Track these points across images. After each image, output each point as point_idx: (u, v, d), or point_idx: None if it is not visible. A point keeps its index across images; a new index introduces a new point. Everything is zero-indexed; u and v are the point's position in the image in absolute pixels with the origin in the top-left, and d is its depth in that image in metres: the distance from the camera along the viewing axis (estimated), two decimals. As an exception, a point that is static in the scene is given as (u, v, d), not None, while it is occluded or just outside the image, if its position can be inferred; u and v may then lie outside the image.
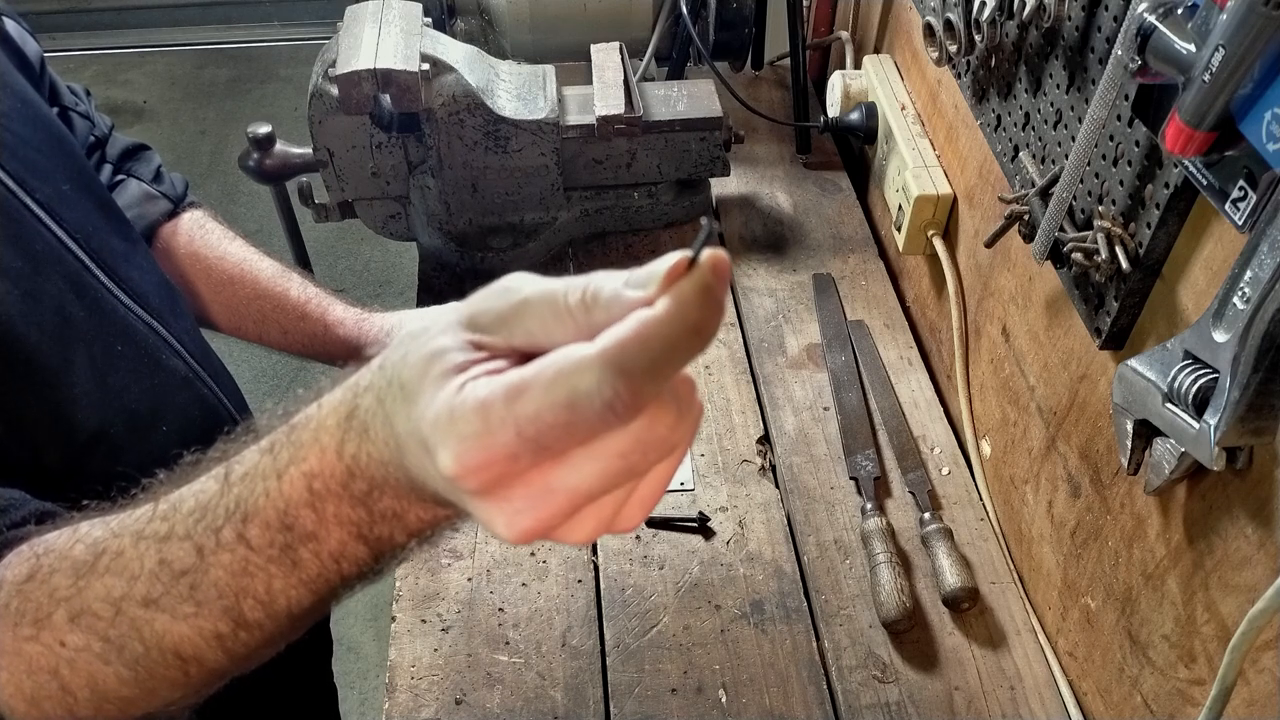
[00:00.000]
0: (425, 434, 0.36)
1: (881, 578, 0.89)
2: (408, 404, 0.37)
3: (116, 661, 0.47)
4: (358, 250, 2.71)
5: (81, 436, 0.67)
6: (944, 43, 0.92)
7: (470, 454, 0.35)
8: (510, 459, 0.34)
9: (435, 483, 0.38)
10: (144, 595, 0.46)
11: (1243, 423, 0.55)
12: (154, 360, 0.75)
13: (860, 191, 1.36)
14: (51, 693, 0.48)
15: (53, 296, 0.65)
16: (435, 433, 0.35)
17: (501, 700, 0.83)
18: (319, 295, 0.96)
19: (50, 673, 0.48)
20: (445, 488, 0.38)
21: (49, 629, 0.47)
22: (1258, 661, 0.60)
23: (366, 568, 0.44)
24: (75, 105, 0.84)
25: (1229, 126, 0.53)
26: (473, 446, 0.34)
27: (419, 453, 0.37)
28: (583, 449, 0.35)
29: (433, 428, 0.36)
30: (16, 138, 0.68)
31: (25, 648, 0.48)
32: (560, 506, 0.36)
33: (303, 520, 0.42)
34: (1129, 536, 0.75)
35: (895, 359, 1.13)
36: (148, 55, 3.48)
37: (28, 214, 0.65)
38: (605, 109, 1.14)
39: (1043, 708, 0.85)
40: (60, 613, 0.47)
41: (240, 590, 0.45)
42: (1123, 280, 0.70)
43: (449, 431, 0.35)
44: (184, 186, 0.96)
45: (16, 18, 0.77)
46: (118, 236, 0.77)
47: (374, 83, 1.01)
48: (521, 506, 0.36)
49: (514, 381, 0.34)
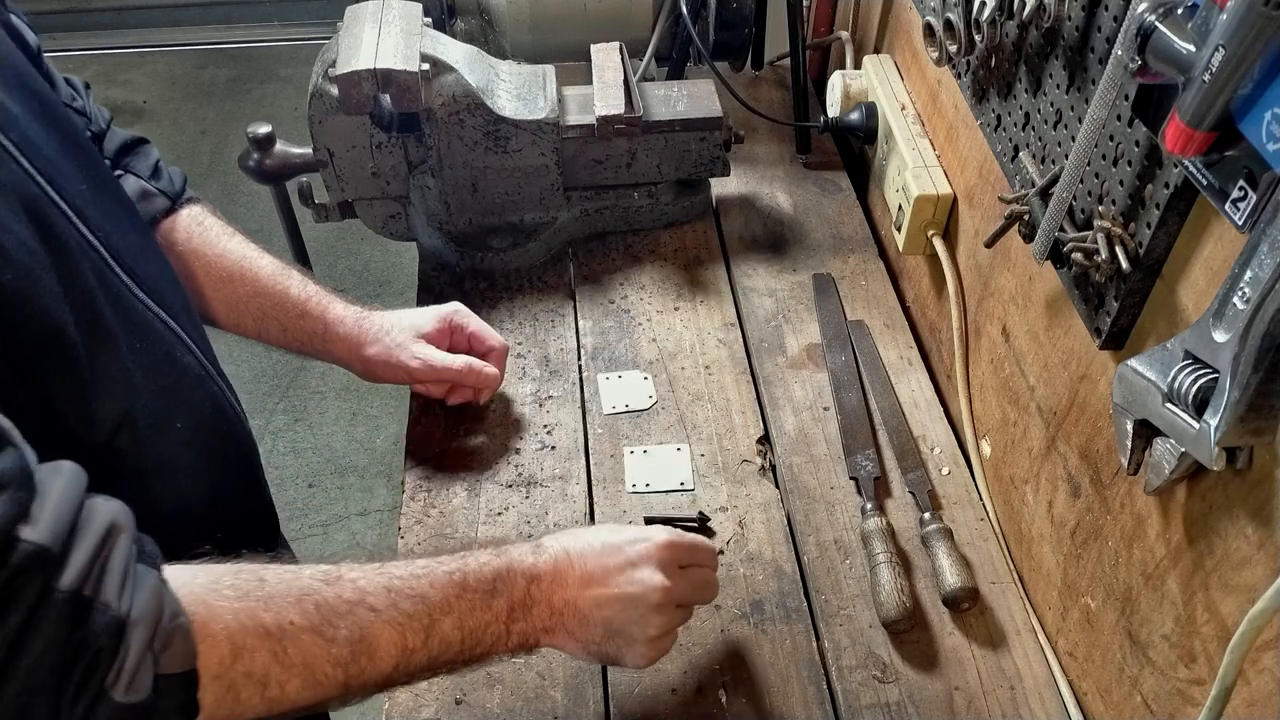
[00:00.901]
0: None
1: (881, 578, 0.89)
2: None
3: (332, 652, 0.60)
4: (358, 250, 2.71)
5: (106, 428, 0.68)
6: (944, 43, 0.92)
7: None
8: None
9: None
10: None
11: (1243, 423, 0.55)
12: (170, 357, 0.76)
13: (860, 191, 1.36)
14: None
15: (83, 293, 0.67)
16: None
17: (501, 700, 0.83)
18: (319, 293, 0.96)
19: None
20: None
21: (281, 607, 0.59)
22: (1258, 661, 0.60)
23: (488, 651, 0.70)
24: (72, 100, 0.84)
25: (1229, 126, 0.53)
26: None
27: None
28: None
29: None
30: (40, 137, 0.68)
31: (259, 615, 0.58)
32: None
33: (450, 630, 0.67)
34: (1129, 536, 0.75)
35: (895, 359, 1.13)
36: (148, 55, 3.48)
37: (57, 212, 0.66)
38: (605, 109, 1.14)
39: (1043, 708, 0.85)
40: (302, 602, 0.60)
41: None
42: (1123, 280, 0.70)
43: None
44: (182, 181, 0.95)
45: (16, 10, 0.77)
46: (134, 234, 0.77)
47: (374, 83, 1.01)
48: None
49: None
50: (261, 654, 0.56)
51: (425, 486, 0.99)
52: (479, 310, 1.03)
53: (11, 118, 0.66)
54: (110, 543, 0.52)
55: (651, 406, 1.06)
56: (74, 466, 0.54)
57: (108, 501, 0.55)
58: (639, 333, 1.14)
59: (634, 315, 1.16)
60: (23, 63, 0.73)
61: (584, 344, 1.13)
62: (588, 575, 0.72)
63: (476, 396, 1.02)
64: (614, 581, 0.72)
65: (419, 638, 0.64)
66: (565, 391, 1.08)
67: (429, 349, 0.97)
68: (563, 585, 0.72)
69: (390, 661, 0.63)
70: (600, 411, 1.06)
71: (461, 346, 1.01)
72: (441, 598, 0.66)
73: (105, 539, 0.52)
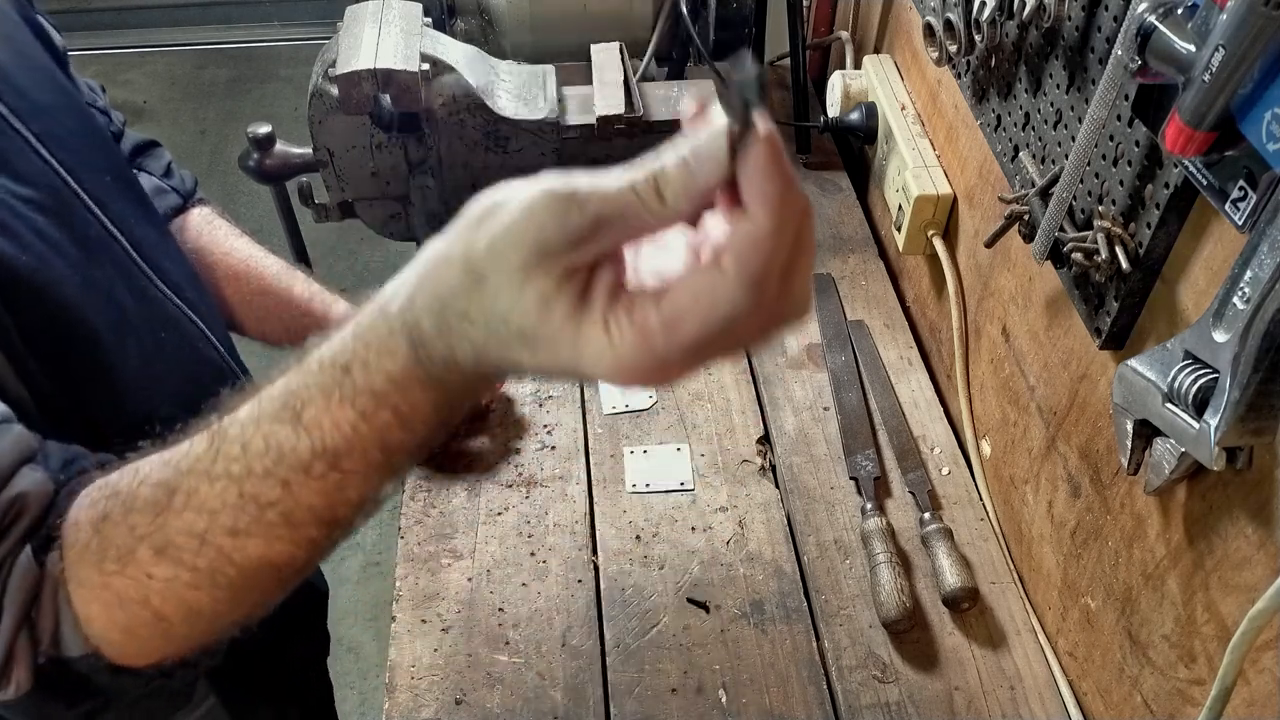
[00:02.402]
0: (571, 362, 0.42)
1: (881, 578, 0.89)
2: (528, 344, 0.43)
3: (208, 586, 0.51)
4: (358, 250, 2.71)
5: (133, 420, 0.69)
6: (944, 43, 0.92)
7: (642, 375, 0.41)
8: (675, 371, 0.42)
9: (533, 366, 0.44)
10: (230, 526, 0.50)
11: (1243, 423, 0.55)
12: (193, 350, 0.76)
13: (860, 191, 1.36)
14: (145, 620, 0.52)
15: (105, 283, 0.67)
16: (598, 362, 0.41)
17: (501, 700, 0.83)
18: (322, 294, 0.97)
19: (140, 603, 0.51)
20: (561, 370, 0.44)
21: (134, 564, 0.51)
22: (1258, 661, 0.60)
23: (436, 428, 0.50)
24: (94, 101, 0.85)
25: (1229, 126, 0.53)
26: (643, 370, 0.41)
27: (526, 355, 0.43)
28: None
29: (593, 359, 0.41)
30: (65, 130, 0.69)
31: (113, 582, 0.51)
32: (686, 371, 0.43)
33: (394, 435, 0.47)
34: (1129, 536, 0.75)
35: (895, 359, 1.13)
36: (148, 55, 3.48)
37: (79, 203, 0.67)
38: (605, 109, 1.14)
39: (1043, 708, 0.85)
40: (143, 548, 0.51)
41: (334, 503, 0.50)
42: (1123, 280, 0.70)
43: (616, 363, 0.41)
44: (193, 183, 0.97)
45: (43, 12, 0.78)
46: (154, 228, 0.78)
47: (374, 83, 1.01)
48: (658, 378, 0.43)
49: (668, 315, 0.40)
50: (141, 615, 0.52)
51: (425, 486, 0.99)
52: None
53: (37, 109, 0.66)
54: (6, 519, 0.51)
55: (651, 406, 1.07)
56: (18, 431, 0.54)
57: (33, 471, 0.53)
58: (639, 333, 1.14)
59: (634, 315, 1.16)
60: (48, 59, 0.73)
61: (584, 344, 1.13)
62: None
63: None
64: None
65: (290, 533, 0.51)
66: (565, 391, 1.08)
67: None
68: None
69: (308, 555, 0.52)
70: (600, 411, 1.06)
71: None
72: (304, 479, 0.49)
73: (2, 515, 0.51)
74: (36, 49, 0.72)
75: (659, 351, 0.41)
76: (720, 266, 0.40)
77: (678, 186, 0.40)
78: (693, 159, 0.40)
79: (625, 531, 0.96)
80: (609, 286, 0.42)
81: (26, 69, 0.68)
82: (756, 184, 0.39)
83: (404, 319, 0.45)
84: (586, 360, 0.42)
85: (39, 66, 0.71)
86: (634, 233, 0.42)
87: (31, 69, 0.69)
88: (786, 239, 0.39)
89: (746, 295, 0.39)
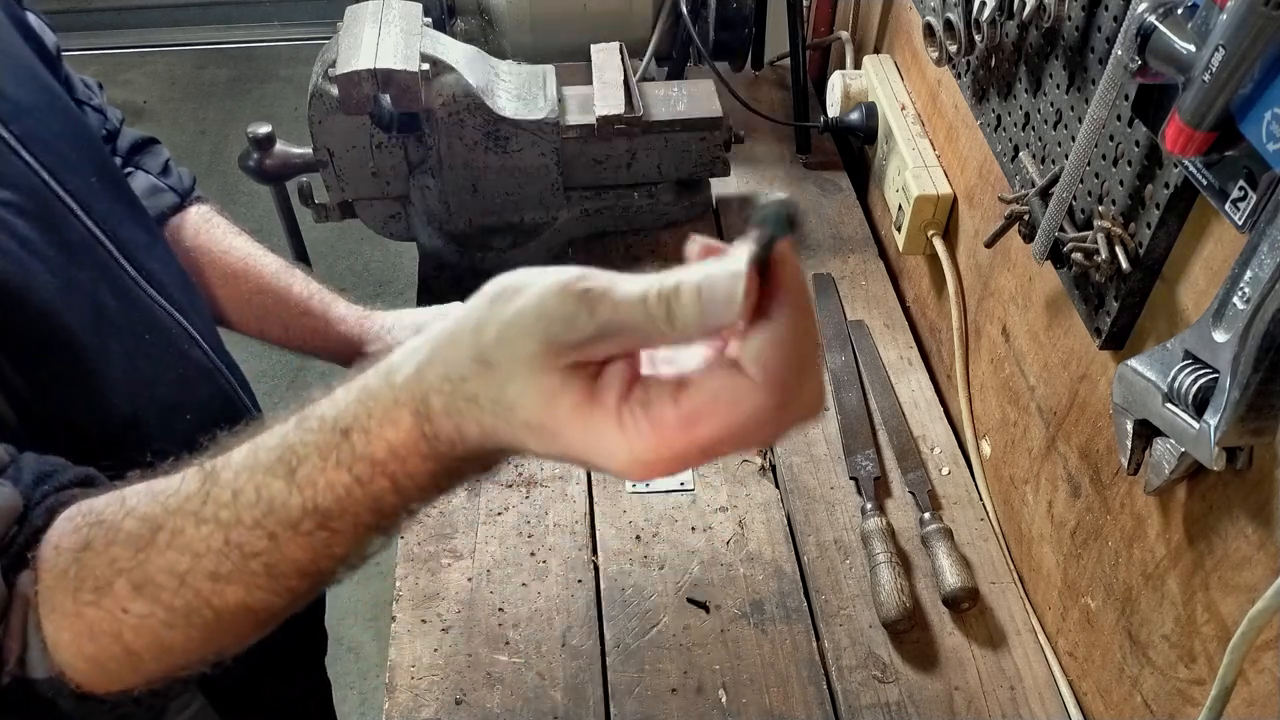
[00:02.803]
0: (582, 454, 0.42)
1: (881, 578, 0.89)
2: (535, 433, 0.43)
3: (183, 626, 0.50)
4: (358, 250, 2.71)
5: (116, 423, 0.68)
6: (944, 43, 0.92)
7: (656, 471, 0.42)
8: (689, 465, 0.42)
9: (539, 450, 0.44)
10: (211, 570, 0.49)
11: (1243, 423, 0.55)
12: (178, 351, 0.76)
13: (860, 191, 1.36)
14: (114, 654, 0.51)
15: (87, 286, 0.67)
16: (611, 457, 0.42)
17: (501, 700, 0.83)
18: (321, 292, 0.97)
19: (112, 636, 0.51)
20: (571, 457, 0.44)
21: (110, 596, 0.50)
22: (1258, 661, 0.60)
23: (432, 495, 0.49)
24: (89, 99, 0.85)
25: (1229, 126, 0.53)
26: (658, 466, 0.42)
27: (533, 442, 0.43)
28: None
29: (606, 453, 0.42)
30: (48, 131, 0.68)
31: (86, 612, 0.50)
32: (698, 464, 0.44)
33: (388, 500, 0.47)
34: (1129, 536, 0.75)
35: (895, 359, 1.13)
36: (148, 55, 3.47)
37: (60, 205, 0.66)
38: (605, 109, 1.14)
39: (1043, 708, 0.85)
40: (122, 582, 0.50)
41: (319, 559, 0.49)
42: (1123, 280, 0.70)
43: (630, 458, 0.41)
44: (191, 181, 0.96)
45: (35, 10, 0.78)
46: (141, 229, 0.78)
47: (374, 83, 1.01)
48: (669, 472, 0.43)
49: (687, 414, 0.41)
50: (111, 649, 0.52)
51: (425, 486, 0.99)
52: (479, 310, 1.03)
53: (18, 110, 0.66)
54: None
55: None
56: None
57: (0, 486, 0.52)
58: (639, 333, 1.14)
59: (634, 315, 1.16)
60: (33, 57, 0.73)
61: (584, 344, 1.13)
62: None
63: None
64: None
65: (271, 584, 0.50)
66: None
67: None
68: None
69: (286, 603, 0.52)
70: (600, 411, 1.06)
71: None
72: (292, 534, 0.49)
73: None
74: (21, 48, 0.72)
75: (675, 449, 0.41)
76: (742, 368, 0.41)
77: (688, 317, 0.40)
78: (706, 296, 0.40)
79: (625, 531, 0.96)
80: (621, 380, 0.42)
81: (8, 69, 0.68)
82: (780, 297, 0.40)
83: (411, 391, 0.45)
84: (598, 454, 0.42)
85: (22, 66, 0.70)
86: (642, 345, 0.42)
87: (14, 69, 0.69)
88: (803, 342, 0.41)
89: (769, 397, 0.40)
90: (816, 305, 1.17)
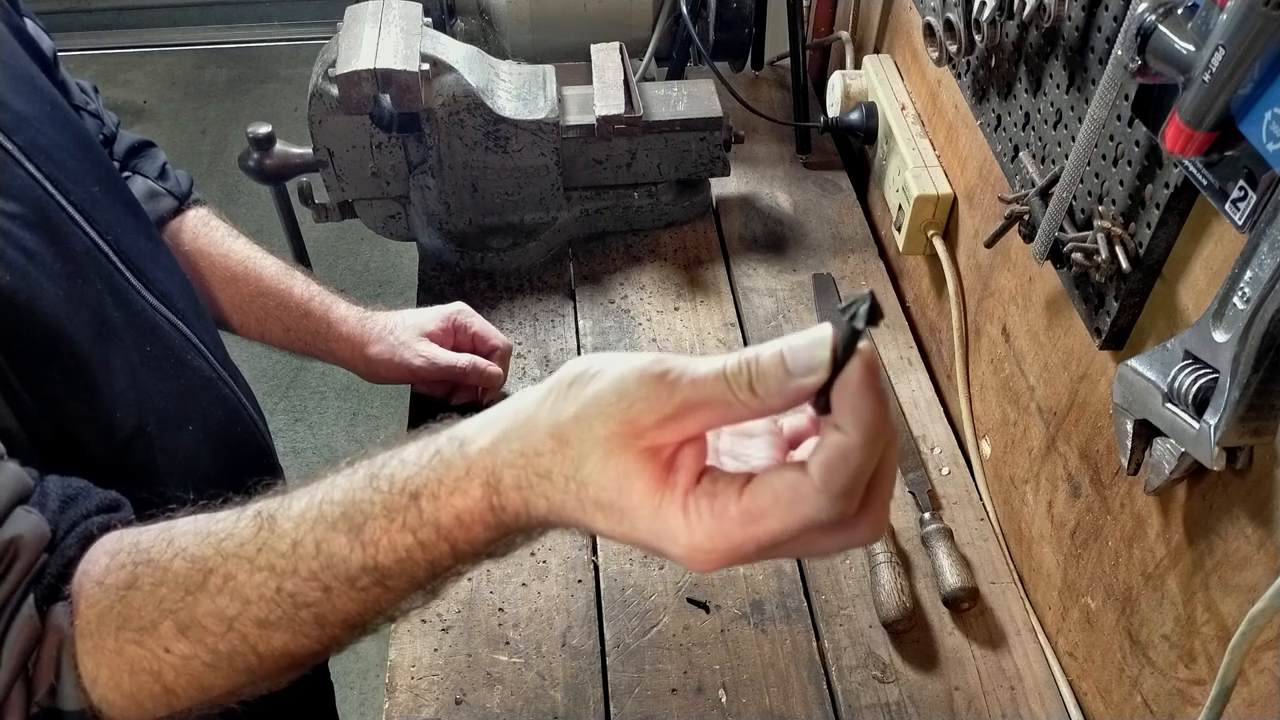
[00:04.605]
0: (648, 537, 0.43)
1: (881, 578, 0.89)
2: (604, 511, 0.43)
3: (226, 668, 0.52)
4: (358, 250, 2.71)
5: (121, 434, 0.68)
6: (944, 43, 0.92)
7: (713, 562, 0.42)
8: (745, 560, 0.43)
9: (596, 527, 0.45)
10: (261, 618, 0.50)
11: (1243, 423, 0.55)
12: (180, 361, 0.75)
13: (860, 191, 1.36)
14: (153, 692, 0.52)
15: (91, 297, 0.66)
16: (672, 542, 0.42)
17: (501, 700, 0.83)
18: (322, 293, 0.97)
19: (153, 675, 0.51)
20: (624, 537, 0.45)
21: (154, 636, 0.51)
22: (1258, 661, 0.60)
23: (483, 560, 0.51)
24: (86, 104, 0.84)
25: (1229, 126, 0.53)
26: (715, 558, 0.42)
27: (600, 520, 0.44)
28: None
29: (668, 538, 0.42)
30: (50, 140, 0.68)
31: (127, 650, 0.51)
32: (755, 560, 0.44)
33: (444, 564, 0.49)
34: (1129, 536, 0.75)
35: (895, 359, 1.13)
36: (148, 55, 3.47)
37: (64, 216, 0.66)
38: (605, 109, 1.14)
39: (1043, 708, 0.85)
40: (168, 624, 0.51)
41: (368, 612, 0.51)
42: (1123, 280, 0.70)
43: (690, 546, 0.42)
44: (189, 184, 0.96)
45: (32, 15, 0.77)
46: (144, 237, 0.77)
47: (374, 83, 1.01)
48: (727, 563, 0.43)
49: (749, 509, 0.41)
50: (151, 688, 0.53)
51: (425, 486, 0.99)
52: (479, 310, 1.03)
53: (19, 120, 0.65)
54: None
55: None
56: (12, 470, 0.53)
57: (28, 514, 0.52)
58: (639, 333, 1.14)
59: (634, 315, 1.16)
60: (32, 66, 0.73)
61: (584, 344, 1.13)
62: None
63: (479, 396, 1.02)
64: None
65: (317, 633, 0.51)
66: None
67: (433, 347, 0.97)
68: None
69: (328, 652, 0.54)
70: (600, 411, 1.06)
71: (465, 346, 1.01)
72: (347, 589, 0.50)
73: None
74: (21, 57, 0.71)
75: (733, 542, 0.41)
76: (807, 472, 0.41)
77: (772, 383, 0.41)
78: (791, 361, 0.41)
79: (625, 531, 0.96)
80: (692, 468, 0.43)
81: (9, 79, 0.67)
82: (853, 400, 0.39)
83: (483, 464, 0.46)
84: (664, 538, 0.43)
85: (22, 76, 0.70)
86: (721, 421, 0.42)
87: (14, 79, 0.68)
88: (873, 458, 0.40)
89: (829, 505, 0.40)
90: (817, 305, 1.17)
